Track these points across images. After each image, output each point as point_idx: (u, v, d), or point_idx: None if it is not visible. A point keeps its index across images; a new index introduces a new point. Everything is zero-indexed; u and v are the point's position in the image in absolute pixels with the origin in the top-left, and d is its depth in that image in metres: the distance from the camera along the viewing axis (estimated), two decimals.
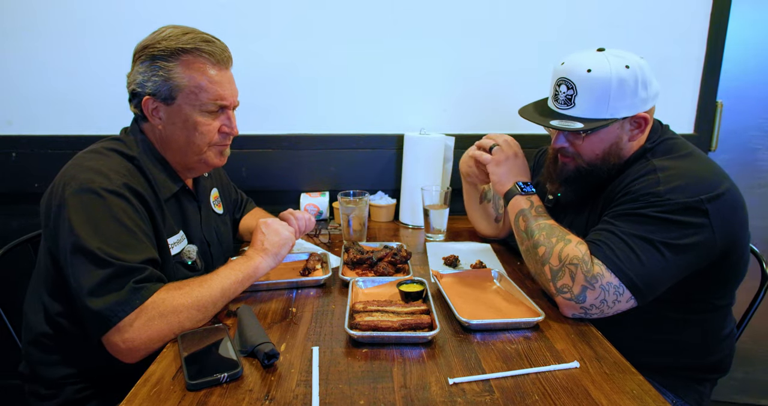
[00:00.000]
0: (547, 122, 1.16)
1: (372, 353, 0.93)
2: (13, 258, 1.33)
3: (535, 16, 1.78)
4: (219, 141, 1.19)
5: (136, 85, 1.12)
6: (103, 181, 1.00)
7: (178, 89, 1.11)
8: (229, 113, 1.19)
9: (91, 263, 0.94)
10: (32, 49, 1.71)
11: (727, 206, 1.06)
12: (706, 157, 1.16)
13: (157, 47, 1.09)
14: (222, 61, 1.15)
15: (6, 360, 1.68)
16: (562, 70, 1.15)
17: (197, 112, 1.13)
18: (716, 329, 1.21)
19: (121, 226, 0.98)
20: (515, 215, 1.22)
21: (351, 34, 1.77)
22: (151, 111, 1.13)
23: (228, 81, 1.17)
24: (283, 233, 1.19)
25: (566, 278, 1.05)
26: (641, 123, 1.15)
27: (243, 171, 1.82)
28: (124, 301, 0.92)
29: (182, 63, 1.10)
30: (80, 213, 0.97)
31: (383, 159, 1.86)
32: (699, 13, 1.82)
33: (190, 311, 0.97)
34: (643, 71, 1.11)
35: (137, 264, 0.96)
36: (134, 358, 0.95)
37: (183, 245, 1.19)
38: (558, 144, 1.21)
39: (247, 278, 1.10)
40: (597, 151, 1.18)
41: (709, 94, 1.89)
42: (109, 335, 0.93)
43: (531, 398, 0.80)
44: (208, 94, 1.12)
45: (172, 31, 1.11)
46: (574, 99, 1.13)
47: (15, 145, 1.75)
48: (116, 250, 0.95)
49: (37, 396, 1.12)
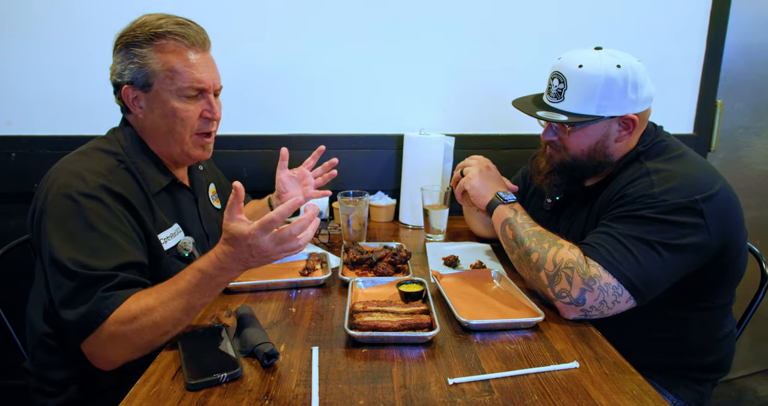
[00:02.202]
0: (534, 112, 1.19)
1: (372, 353, 0.93)
2: (12, 258, 1.33)
3: (535, 16, 1.78)
4: (201, 128, 1.15)
5: (116, 75, 1.10)
6: (79, 185, 0.99)
7: (153, 75, 1.08)
8: (209, 98, 1.15)
9: (61, 274, 0.93)
10: (32, 49, 1.71)
11: (722, 205, 1.07)
12: (698, 158, 1.17)
13: (131, 34, 1.08)
14: (197, 43, 1.11)
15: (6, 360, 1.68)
16: (557, 65, 1.18)
17: (174, 97, 1.10)
18: (716, 327, 1.21)
19: (93, 232, 0.96)
20: (501, 225, 1.22)
21: (351, 34, 1.77)
22: (132, 100, 1.11)
23: (205, 64, 1.13)
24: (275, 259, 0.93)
25: (563, 282, 1.05)
26: (629, 125, 1.16)
27: (243, 171, 1.82)
28: (93, 312, 0.91)
29: (156, 48, 1.08)
30: (55, 221, 0.97)
31: (383, 159, 1.86)
32: (699, 12, 1.82)
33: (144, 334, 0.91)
34: (635, 73, 1.12)
35: (107, 271, 0.93)
36: (109, 367, 0.95)
37: (178, 238, 1.17)
38: (546, 137, 1.25)
39: (217, 293, 0.96)
40: (582, 146, 1.20)
41: (709, 94, 1.89)
42: (84, 344, 0.93)
43: (531, 398, 0.80)
44: (183, 77, 1.09)
45: (148, 18, 1.09)
46: (564, 93, 1.16)
47: (15, 146, 1.75)
48: (87, 257, 0.93)
49: (42, 392, 1.12)
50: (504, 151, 1.82)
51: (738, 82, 1.96)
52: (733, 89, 1.95)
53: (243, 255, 0.90)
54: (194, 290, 0.91)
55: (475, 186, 1.31)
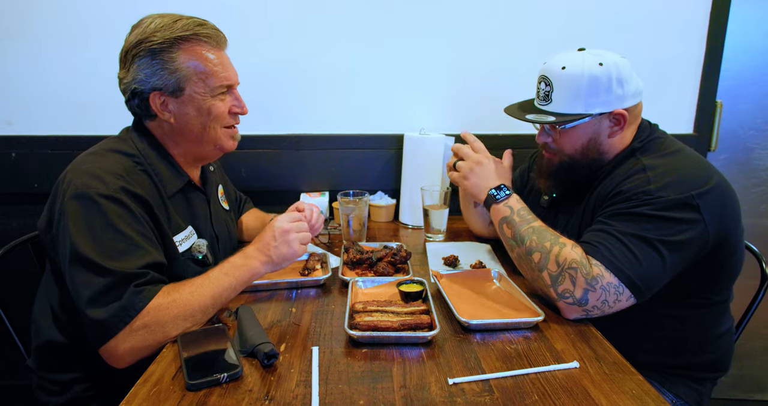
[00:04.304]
0: (523, 116, 1.22)
1: (372, 353, 0.93)
2: (13, 258, 1.33)
3: (535, 16, 1.78)
4: (230, 121, 1.19)
5: (136, 83, 1.08)
6: (99, 186, 0.98)
7: (186, 79, 1.09)
8: (236, 93, 1.20)
9: (89, 271, 0.93)
10: (32, 49, 1.71)
11: (718, 199, 1.07)
12: (694, 153, 1.18)
13: (153, 40, 1.06)
14: (219, 42, 1.15)
15: (6, 360, 1.68)
16: (543, 69, 1.21)
17: (209, 97, 1.12)
18: (714, 326, 1.21)
19: (117, 233, 0.96)
20: (498, 223, 1.22)
21: (351, 35, 1.77)
22: (159, 106, 1.10)
23: (227, 61, 1.17)
24: (295, 247, 1.08)
25: (567, 282, 1.05)
26: (620, 120, 1.17)
27: (243, 171, 1.82)
28: (127, 306, 0.91)
29: (184, 51, 1.08)
30: (77, 221, 0.96)
31: (383, 159, 1.86)
32: (699, 13, 1.82)
33: (177, 321, 0.95)
34: (618, 69, 1.14)
35: (137, 270, 0.95)
36: (122, 365, 0.95)
37: (192, 241, 1.17)
38: (541, 139, 1.28)
39: (242, 284, 1.05)
40: (576, 145, 1.21)
41: (709, 94, 1.89)
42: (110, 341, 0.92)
43: (530, 398, 0.80)
44: (214, 78, 1.12)
45: (161, 21, 1.08)
46: (551, 95, 1.19)
47: (15, 146, 1.75)
48: (113, 259, 0.94)
49: (45, 390, 1.12)
50: (503, 150, 1.82)
51: (741, 83, 1.95)
52: (735, 89, 1.95)
53: (266, 238, 1.07)
54: (221, 277, 1.01)
55: (467, 186, 1.31)
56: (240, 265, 1.05)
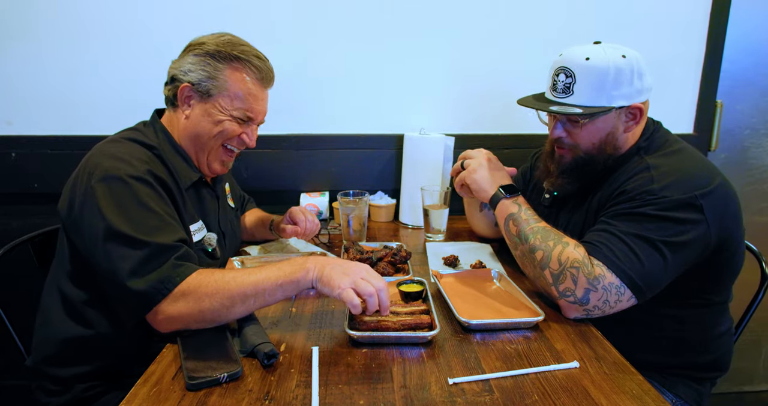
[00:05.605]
0: (548, 108, 1.17)
1: (372, 354, 0.93)
2: (13, 258, 1.33)
3: (536, 16, 1.78)
4: (233, 144, 1.23)
5: (179, 71, 1.15)
6: (128, 168, 1.02)
7: (217, 89, 1.15)
8: (253, 127, 1.25)
9: (126, 245, 0.94)
10: (32, 49, 1.71)
11: (720, 200, 1.07)
12: (696, 153, 1.18)
13: (215, 48, 1.14)
14: (265, 79, 1.21)
15: (6, 359, 1.68)
16: (560, 61, 1.17)
17: (227, 115, 1.17)
18: (713, 325, 1.21)
19: (149, 211, 0.99)
20: (504, 220, 1.22)
21: (351, 35, 1.77)
22: (185, 98, 1.16)
23: (264, 98, 1.23)
24: (344, 281, 0.94)
25: (568, 281, 1.05)
26: (636, 114, 1.17)
27: (243, 171, 1.82)
28: (165, 278, 0.93)
29: (231, 68, 1.15)
30: (108, 200, 0.98)
31: (383, 159, 1.86)
32: (699, 13, 1.82)
33: (214, 298, 0.93)
34: (638, 62, 1.14)
35: (172, 243, 0.97)
36: (164, 330, 0.96)
37: (203, 234, 1.21)
38: (556, 134, 1.23)
39: (288, 284, 0.95)
40: (594, 140, 1.19)
41: (709, 94, 1.89)
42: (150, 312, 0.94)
43: (531, 398, 0.80)
44: (243, 104, 1.17)
45: (233, 39, 1.18)
46: (573, 87, 1.15)
47: (15, 146, 1.75)
48: (147, 234, 0.96)
49: (44, 390, 1.12)
50: (504, 150, 1.82)
51: (740, 83, 1.95)
52: (735, 89, 1.95)
53: (333, 258, 1.05)
54: (271, 268, 0.97)
55: (476, 180, 1.29)
56: (293, 263, 0.98)
